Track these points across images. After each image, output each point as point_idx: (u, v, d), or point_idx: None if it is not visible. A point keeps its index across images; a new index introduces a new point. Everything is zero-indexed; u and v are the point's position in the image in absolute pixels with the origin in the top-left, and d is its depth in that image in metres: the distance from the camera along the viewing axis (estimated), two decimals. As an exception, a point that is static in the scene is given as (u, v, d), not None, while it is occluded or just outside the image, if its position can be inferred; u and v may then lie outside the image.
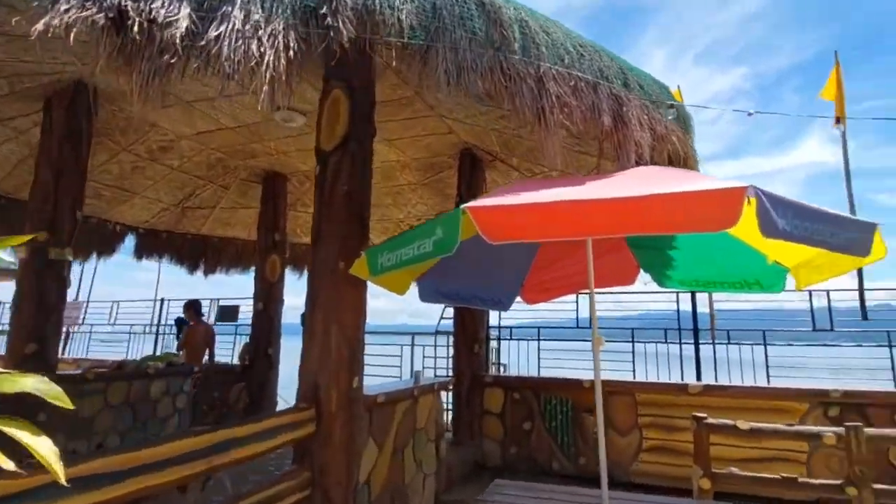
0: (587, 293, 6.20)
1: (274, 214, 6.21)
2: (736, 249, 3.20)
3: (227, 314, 7.94)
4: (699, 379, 5.64)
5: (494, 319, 6.59)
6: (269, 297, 6.17)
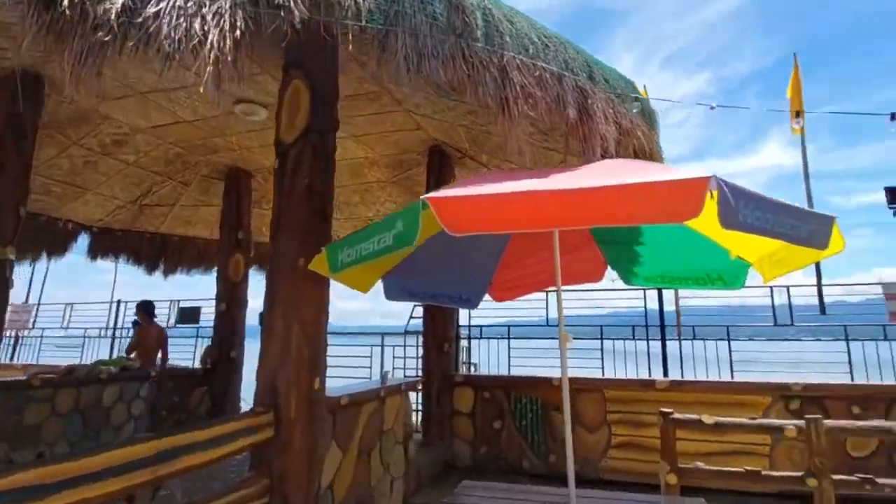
0: (556, 290, 6.21)
1: (237, 212, 6.01)
2: (700, 245, 3.21)
3: (188, 316, 7.63)
4: (666, 375, 5.70)
5: (465, 319, 6.54)
6: (232, 297, 5.96)
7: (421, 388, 5.66)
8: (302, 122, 3.05)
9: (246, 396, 5.93)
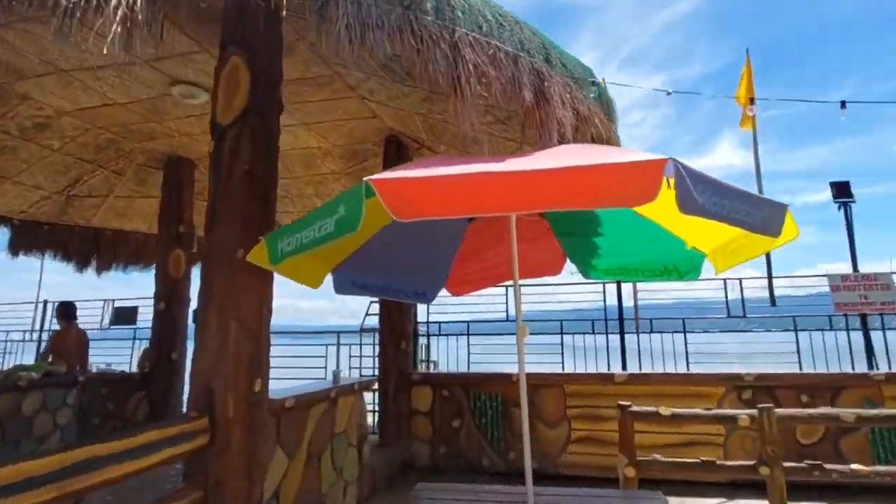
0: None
1: (178, 204, 5.62)
2: (656, 236, 3.17)
3: (123, 317, 7.11)
4: (625, 368, 5.72)
5: (423, 315, 6.37)
6: (172, 296, 5.57)
7: (377, 387, 5.47)
8: (241, 102, 2.80)
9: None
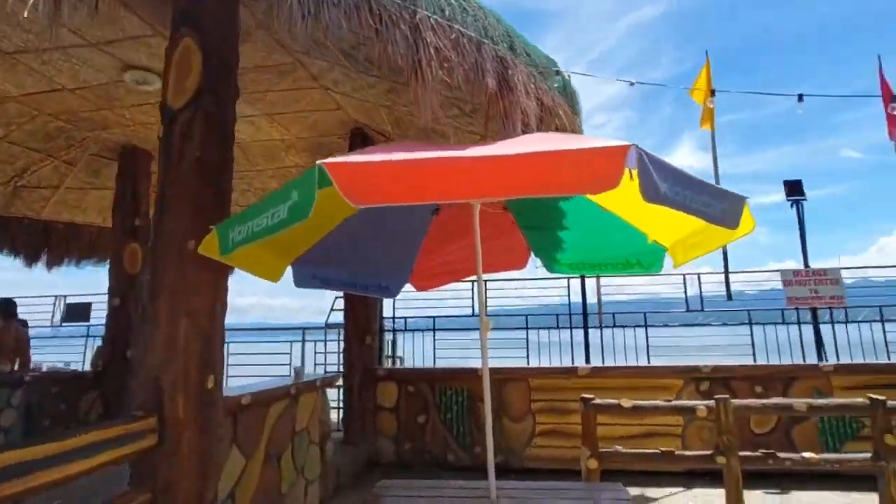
0: (484, 278, 6.13)
1: (133, 196, 5.38)
2: (619, 230, 3.20)
3: (76, 313, 6.78)
4: (588, 362, 5.78)
5: (389, 311, 6.30)
6: (127, 291, 5.33)
7: (341, 383, 5.38)
8: (193, 85, 2.67)
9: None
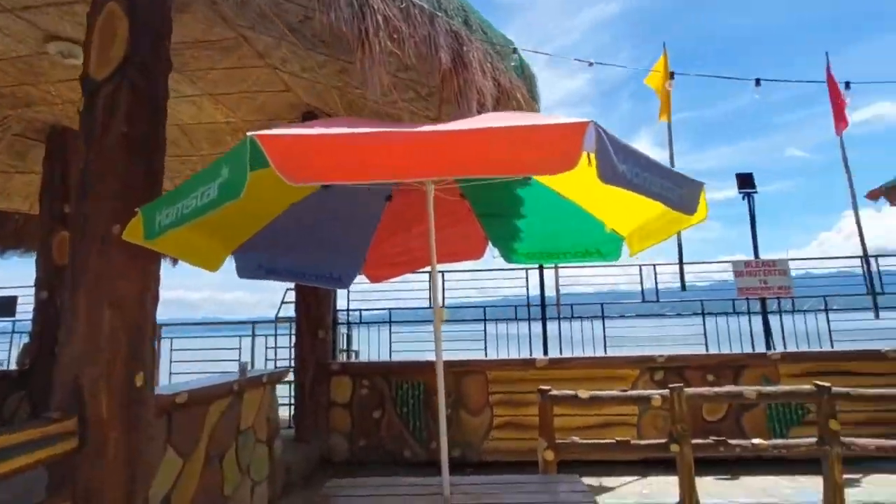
0: (440, 269, 6.01)
1: (63, 180, 4.96)
2: (578, 218, 3.14)
3: (0, 308, 6.24)
4: (546, 354, 5.78)
5: (344, 303, 6.10)
6: (56, 283, 4.93)
7: (292, 378, 5.17)
8: (118, 53, 2.43)
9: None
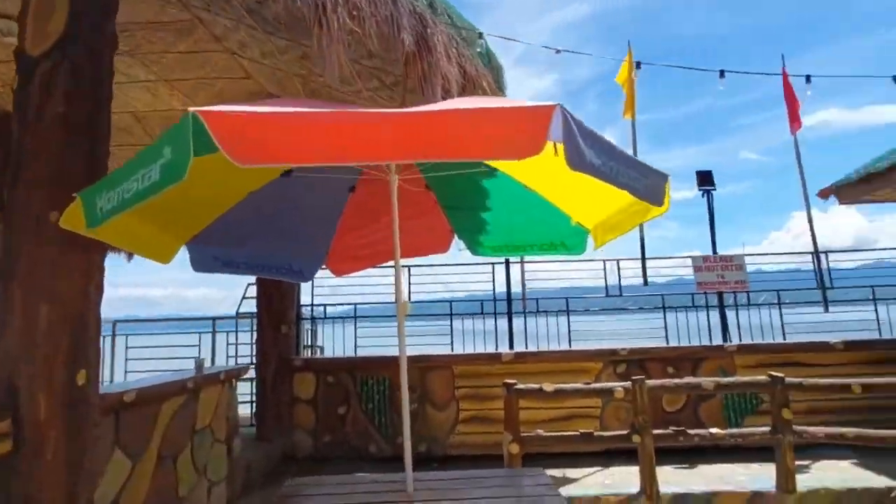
0: (406, 263, 5.92)
1: (2, 167, 4.64)
2: (544, 210, 3.14)
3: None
4: (512, 349, 5.79)
5: (308, 298, 5.95)
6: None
7: (254, 375, 5.02)
8: (57, 27, 2.27)
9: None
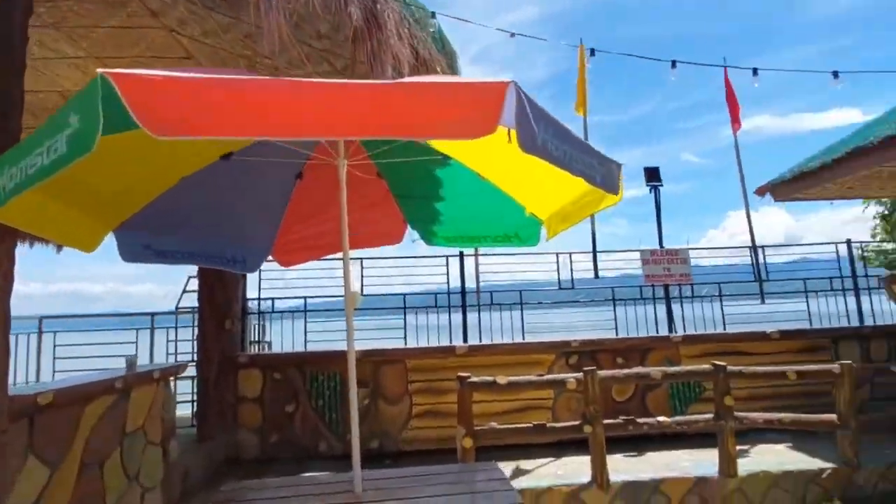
0: (359, 255, 5.74)
1: None
2: (498, 201, 3.09)
3: None
4: (466, 342, 5.75)
5: (255, 291, 5.68)
6: None
7: (196, 373, 4.75)
8: (-46, -15, 2.01)
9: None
